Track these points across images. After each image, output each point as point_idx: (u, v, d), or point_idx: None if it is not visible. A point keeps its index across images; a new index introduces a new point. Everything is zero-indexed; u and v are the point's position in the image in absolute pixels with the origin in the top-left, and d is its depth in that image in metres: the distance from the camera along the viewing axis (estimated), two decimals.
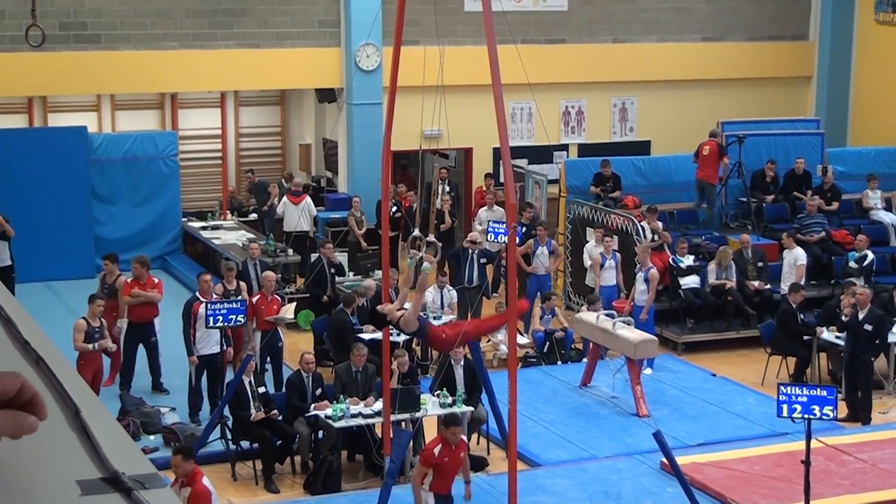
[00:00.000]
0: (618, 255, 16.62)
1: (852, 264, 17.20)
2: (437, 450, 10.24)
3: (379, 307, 10.38)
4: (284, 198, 19.56)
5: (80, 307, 13.98)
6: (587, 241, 17.29)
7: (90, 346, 12.83)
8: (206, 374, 13.53)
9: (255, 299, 14.22)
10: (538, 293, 16.51)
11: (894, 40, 22.42)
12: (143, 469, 1.85)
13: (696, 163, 19.02)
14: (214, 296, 13.76)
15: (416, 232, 11.12)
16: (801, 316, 15.12)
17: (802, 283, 16.19)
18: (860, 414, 14.00)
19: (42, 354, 2.08)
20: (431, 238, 10.99)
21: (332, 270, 16.04)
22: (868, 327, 14.06)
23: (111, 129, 21.45)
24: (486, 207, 19.21)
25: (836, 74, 23.30)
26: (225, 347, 13.39)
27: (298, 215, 19.15)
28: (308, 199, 19.61)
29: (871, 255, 17.28)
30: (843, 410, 13.20)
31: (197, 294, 13.79)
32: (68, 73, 19.46)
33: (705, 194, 19.13)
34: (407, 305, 10.17)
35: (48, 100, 21.12)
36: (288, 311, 14.53)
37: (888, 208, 19.71)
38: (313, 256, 17.21)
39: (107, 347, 13.21)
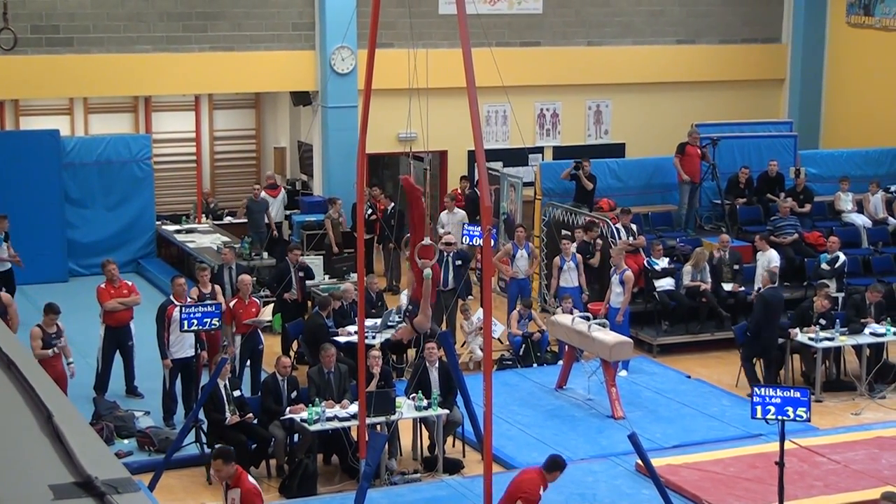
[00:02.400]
0: (577, 256, 16.66)
1: (824, 266, 17.30)
2: (541, 491, 10.08)
3: (392, 339, 10.65)
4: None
5: None
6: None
7: (49, 351, 12.66)
8: (181, 378, 13.48)
9: (232, 303, 14.20)
10: (518, 296, 16.52)
11: (866, 43, 22.58)
12: (117, 473, 1.84)
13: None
14: (189, 299, 13.71)
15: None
16: None
17: (776, 284, 16.26)
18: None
19: (13, 358, 2.07)
20: (427, 241, 11.01)
21: (301, 274, 16.04)
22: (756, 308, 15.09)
23: (84, 133, 21.34)
24: (446, 211, 19.25)
25: (809, 77, 23.44)
26: (199, 351, 13.34)
27: (277, 207, 20.00)
28: (283, 191, 20.57)
29: (842, 257, 17.38)
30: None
31: (171, 298, 13.73)
32: (40, 77, 19.34)
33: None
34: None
35: (20, 103, 21.01)
36: (266, 314, 14.51)
37: (860, 210, 19.85)
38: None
39: (67, 352, 13.07)
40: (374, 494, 11.10)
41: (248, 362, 14.18)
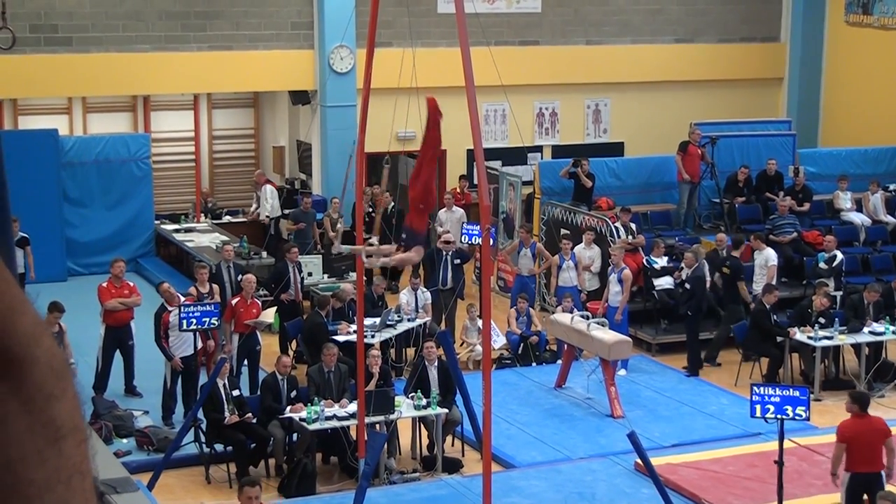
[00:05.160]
0: (576, 255, 16.66)
1: (822, 265, 17.29)
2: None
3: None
4: (267, 185, 20.32)
5: None
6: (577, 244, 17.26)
7: None
8: (181, 377, 13.47)
9: (234, 301, 14.18)
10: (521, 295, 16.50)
11: (864, 41, 22.57)
12: (115, 473, 1.84)
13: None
14: (182, 298, 13.72)
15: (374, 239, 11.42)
16: (774, 316, 15.20)
17: (774, 283, 16.25)
18: (691, 367, 15.53)
19: None
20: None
21: (302, 275, 16.03)
22: (687, 286, 15.66)
23: (83, 132, 21.31)
24: (444, 209, 19.23)
25: (807, 76, 23.44)
26: (197, 347, 13.32)
27: (272, 202, 20.20)
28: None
29: (840, 256, 17.37)
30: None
31: (164, 304, 13.65)
32: (39, 76, 19.33)
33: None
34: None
35: (19, 102, 20.98)
36: (268, 316, 14.49)
37: (859, 209, 19.84)
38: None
39: (68, 352, 13.09)
40: (373, 494, 11.09)
41: (246, 362, 14.17)
